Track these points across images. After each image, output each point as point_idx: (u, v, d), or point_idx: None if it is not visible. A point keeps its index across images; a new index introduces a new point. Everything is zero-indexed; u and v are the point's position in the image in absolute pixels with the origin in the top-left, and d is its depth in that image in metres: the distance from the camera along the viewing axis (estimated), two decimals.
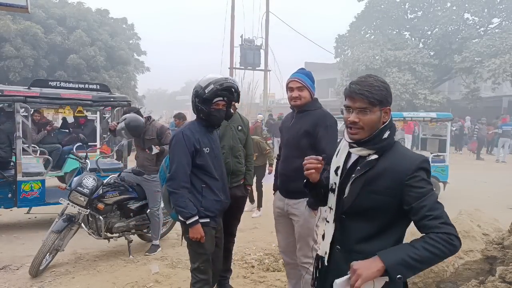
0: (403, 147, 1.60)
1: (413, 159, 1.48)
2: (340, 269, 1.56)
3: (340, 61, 27.89)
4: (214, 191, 2.71)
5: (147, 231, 4.67)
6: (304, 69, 2.81)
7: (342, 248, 1.61)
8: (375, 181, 1.50)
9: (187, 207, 2.58)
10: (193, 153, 2.64)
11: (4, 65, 16.36)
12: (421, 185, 1.44)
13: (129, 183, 4.50)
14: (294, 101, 2.71)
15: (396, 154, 1.52)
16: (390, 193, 1.47)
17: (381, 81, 1.53)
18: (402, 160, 1.49)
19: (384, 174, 1.49)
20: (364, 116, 1.50)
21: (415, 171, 1.45)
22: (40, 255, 3.79)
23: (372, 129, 1.51)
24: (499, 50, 20.57)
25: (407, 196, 1.44)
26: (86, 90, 5.66)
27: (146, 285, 3.63)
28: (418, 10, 26.44)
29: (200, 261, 2.71)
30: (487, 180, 10.75)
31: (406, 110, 20.50)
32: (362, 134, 1.52)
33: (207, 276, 2.73)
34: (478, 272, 3.07)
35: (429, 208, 1.40)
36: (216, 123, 2.77)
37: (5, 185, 5.17)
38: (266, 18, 21.14)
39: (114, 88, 17.54)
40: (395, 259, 1.34)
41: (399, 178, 1.46)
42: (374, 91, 1.49)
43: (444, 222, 1.39)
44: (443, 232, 1.36)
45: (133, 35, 23.46)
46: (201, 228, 2.61)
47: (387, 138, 1.53)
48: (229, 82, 2.70)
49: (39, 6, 17.78)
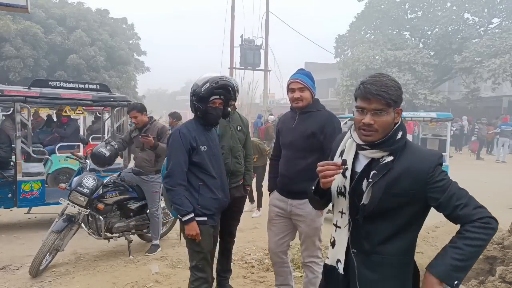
0: (415, 145, 1.57)
1: (431, 157, 1.48)
2: (361, 274, 1.53)
3: (340, 61, 27.87)
4: (211, 189, 2.71)
5: (147, 231, 4.67)
6: (304, 70, 2.80)
7: (358, 251, 1.56)
8: (396, 183, 1.46)
9: (183, 204, 2.59)
10: (190, 151, 2.65)
11: (4, 65, 16.36)
12: (442, 178, 1.45)
13: (129, 183, 4.50)
14: (296, 103, 2.69)
15: (412, 154, 1.49)
16: (414, 193, 1.46)
17: (394, 80, 1.50)
18: (420, 159, 1.47)
19: (405, 176, 1.46)
20: (379, 118, 1.46)
21: (435, 168, 1.45)
22: (40, 255, 3.78)
23: (385, 130, 1.48)
24: (499, 50, 20.56)
25: (433, 193, 1.44)
26: (86, 90, 5.65)
27: (146, 285, 3.63)
28: (418, 10, 26.42)
29: (197, 259, 2.72)
30: (487, 180, 10.75)
31: (406, 110, 20.44)
32: (376, 136, 1.48)
33: (206, 275, 2.74)
34: (478, 272, 3.08)
35: (457, 197, 1.41)
36: (213, 121, 2.77)
37: (5, 185, 5.17)
38: (266, 18, 21.15)
39: (114, 88, 17.55)
40: (445, 268, 1.36)
41: (421, 178, 1.44)
42: (390, 91, 1.45)
43: (475, 207, 1.39)
44: (478, 219, 1.37)
45: (133, 35, 23.46)
46: (197, 226, 2.62)
47: (400, 138, 1.50)
48: (224, 80, 2.71)
49: (39, 6, 17.78)
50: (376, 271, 1.52)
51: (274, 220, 2.90)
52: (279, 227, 2.88)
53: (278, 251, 2.91)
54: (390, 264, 1.51)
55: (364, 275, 1.52)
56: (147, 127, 4.44)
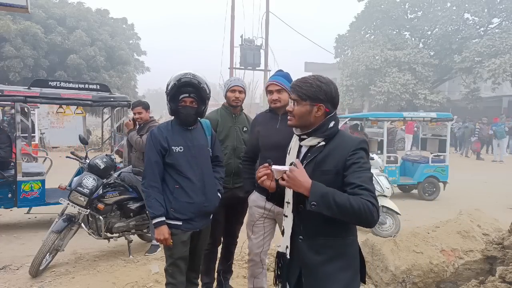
0: (346, 133, 1.81)
1: (354, 140, 1.71)
2: (305, 257, 1.72)
3: (340, 61, 27.86)
4: (187, 193, 2.58)
5: (147, 231, 4.67)
6: (282, 71, 2.85)
7: (305, 237, 1.74)
8: (323, 162, 1.69)
9: (152, 206, 2.53)
10: (161, 152, 2.58)
11: (4, 65, 16.35)
12: (359, 161, 1.63)
13: (129, 183, 4.51)
14: (275, 104, 2.77)
15: (340, 138, 1.73)
16: (336, 171, 1.66)
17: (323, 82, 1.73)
18: (345, 142, 1.71)
19: (331, 155, 1.69)
20: (295, 107, 1.76)
21: (355, 150, 1.66)
22: (40, 255, 3.79)
23: (302, 119, 1.75)
24: (499, 50, 20.56)
25: (347, 168, 1.64)
26: (86, 90, 5.65)
27: (146, 285, 3.62)
28: (418, 10, 26.41)
29: (167, 264, 2.65)
30: (487, 180, 10.76)
31: (406, 110, 20.49)
32: (293, 121, 1.78)
33: (175, 281, 2.62)
34: (478, 272, 3.08)
35: (363, 180, 1.59)
36: (185, 120, 2.64)
37: (5, 185, 5.17)
38: (266, 18, 21.14)
39: (114, 88, 17.53)
40: (321, 191, 1.54)
41: (343, 155, 1.66)
42: (305, 87, 1.72)
43: (373, 196, 1.56)
44: (370, 201, 1.53)
45: (133, 35, 23.43)
46: (166, 230, 2.52)
47: (332, 127, 1.74)
48: (187, 77, 2.54)
49: (39, 6, 17.77)
50: (320, 253, 1.69)
51: (257, 222, 2.88)
52: (262, 228, 2.88)
53: (260, 251, 2.92)
54: (332, 245, 1.69)
55: (309, 258, 1.70)
56: (142, 125, 4.60)
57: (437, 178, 8.35)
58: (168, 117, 2.87)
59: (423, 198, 8.24)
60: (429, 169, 8.30)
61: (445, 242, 3.37)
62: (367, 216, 1.51)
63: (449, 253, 3.27)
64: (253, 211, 2.90)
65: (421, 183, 8.30)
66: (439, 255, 3.24)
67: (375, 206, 1.53)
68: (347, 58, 26.74)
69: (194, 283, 2.88)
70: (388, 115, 9.56)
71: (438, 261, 3.19)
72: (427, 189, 8.37)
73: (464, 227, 3.50)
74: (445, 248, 3.31)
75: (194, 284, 2.90)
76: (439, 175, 8.35)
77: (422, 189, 8.32)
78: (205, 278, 3.28)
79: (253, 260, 2.97)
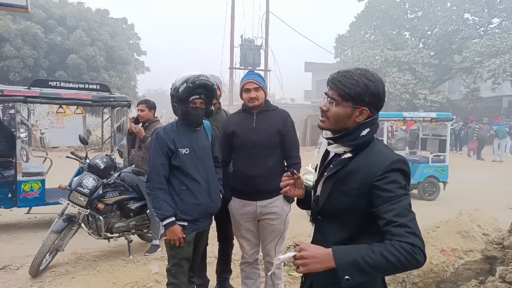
0: (383, 145, 1.43)
1: (387, 157, 1.33)
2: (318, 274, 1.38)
3: (340, 61, 27.86)
4: (194, 194, 2.61)
5: (147, 231, 4.67)
6: (253, 72, 2.91)
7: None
8: (345, 181, 1.38)
9: (161, 208, 2.54)
10: (168, 154, 2.58)
11: (4, 65, 16.35)
12: (391, 188, 1.28)
13: (129, 183, 4.51)
14: (253, 102, 2.75)
15: (370, 153, 1.37)
16: (359, 194, 1.34)
17: (368, 79, 1.37)
18: (375, 159, 1.34)
19: (355, 174, 1.36)
20: (331, 107, 1.40)
21: (386, 172, 1.30)
22: (40, 255, 3.79)
23: (337, 123, 1.41)
24: (499, 50, 20.56)
25: (375, 198, 1.30)
26: (86, 90, 5.65)
27: (146, 285, 3.62)
28: (418, 10, 26.43)
29: (170, 264, 2.66)
30: (487, 180, 10.75)
31: (406, 110, 20.49)
32: (326, 124, 1.44)
33: (177, 281, 2.63)
34: (478, 272, 3.08)
35: (396, 213, 1.24)
36: (195, 122, 2.67)
37: (5, 185, 5.17)
38: (266, 18, 21.18)
39: (114, 88, 17.52)
40: (348, 259, 1.20)
41: (369, 177, 1.32)
42: (348, 84, 1.36)
43: (412, 232, 1.22)
44: (408, 242, 1.20)
45: (133, 35, 23.43)
46: (179, 230, 2.54)
47: (365, 136, 1.39)
48: (201, 79, 2.57)
49: (39, 6, 17.77)
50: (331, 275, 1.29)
51: (244, 226, 2.87)
52: (251, 231, 2.89)
53: (252, 253, 2.94)
54: None
55: (320, 276, 1.43)
56: (146, 125, 4.60)
57: (437, 178, 8.35)
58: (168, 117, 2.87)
59: (423, 198, 8.24)
60: (429, 169, 8.30)
61: (445, 242, 3.36)
62: (411, 263, 1.20)
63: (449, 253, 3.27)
64: (237, 218, 2.89)
65: (421, 183, 8.30)
66: (439, 255, 3.24)
67: (417, 247, 1.20)
68: (347, 58, 26.75)
69: (191, 282, 2.91)
70: (388, 115, 9.56)
71: (438, 261, 3.18)
72: (427, 189, 8.37)
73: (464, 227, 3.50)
74: (445, 248, 3.30)
75: (191, 282, 2.92)
76: (439, 175, 8.35)
77: (422, 189, 8.32)
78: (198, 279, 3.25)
79: (245, 262, 2.98)
